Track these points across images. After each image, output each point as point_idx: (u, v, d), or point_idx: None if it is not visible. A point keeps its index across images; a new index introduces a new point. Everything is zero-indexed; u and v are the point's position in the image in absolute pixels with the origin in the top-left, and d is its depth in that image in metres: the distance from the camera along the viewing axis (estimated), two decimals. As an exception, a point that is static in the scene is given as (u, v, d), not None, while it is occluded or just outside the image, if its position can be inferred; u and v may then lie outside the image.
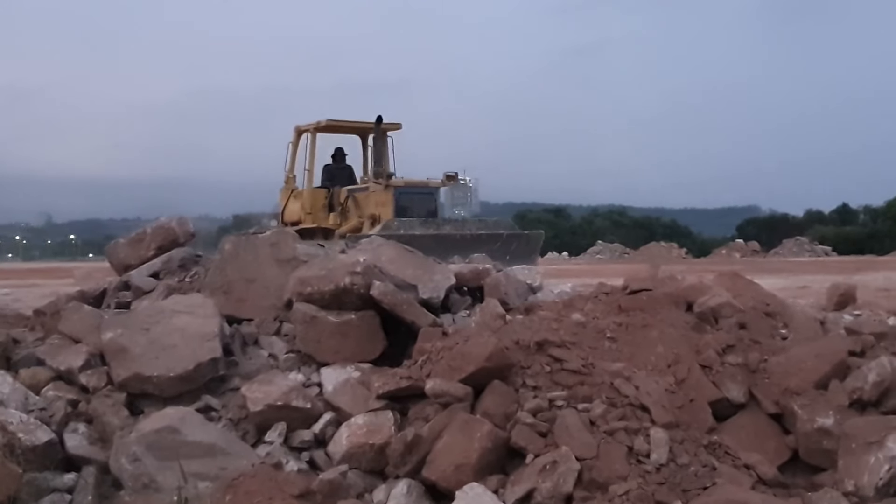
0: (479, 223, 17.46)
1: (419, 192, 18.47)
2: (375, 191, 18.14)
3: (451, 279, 7.69)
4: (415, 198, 18.32)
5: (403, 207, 17.83)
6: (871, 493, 5.04)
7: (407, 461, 5.36)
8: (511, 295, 7.85)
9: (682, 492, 4.86)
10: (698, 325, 6.72)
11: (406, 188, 18.24)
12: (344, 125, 20.04)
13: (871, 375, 5.89)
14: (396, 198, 17.90)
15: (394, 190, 17.92)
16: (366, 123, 19.43)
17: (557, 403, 5.47)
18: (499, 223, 17.52)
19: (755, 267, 31.77)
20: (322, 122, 19.45)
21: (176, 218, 8.90)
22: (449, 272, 7.81)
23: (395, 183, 18.11)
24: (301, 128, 19.77)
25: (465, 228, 16.72)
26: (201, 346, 6.41)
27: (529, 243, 16.76)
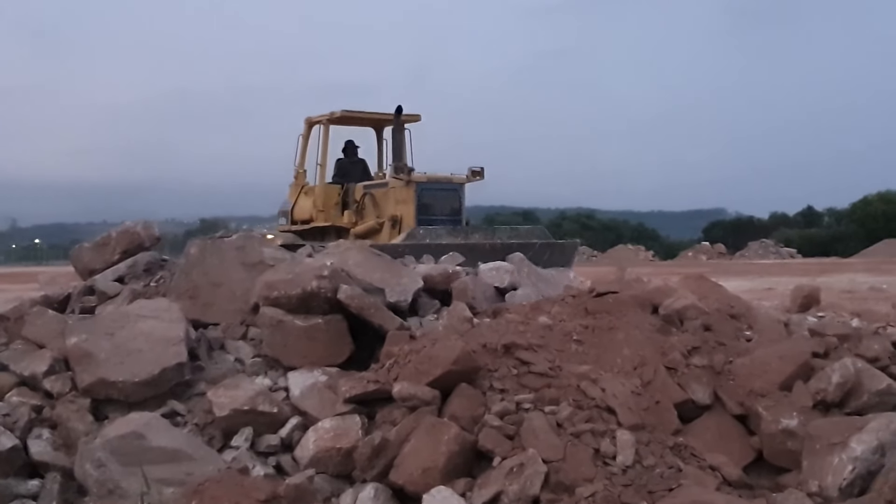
0: (510, 231, 16.36)
1: (443, 188, 17.27)
2: (396, 187, 16.91)
3: (418, 282, 7.68)
4: (438, 195, 17.16)
5: (426, 205, 16.74)
6: (835, 493, 5.08)
7: (374, 465, 5.36)
8: (479, 299, 7.85)
9: (647, 493, 4.89)
10: (664, 327, 6.75)
11: (429, 184, 17.00)
12: (359, 116, 18.71)
13: (834, 377, 5.94)
14: (418, 195, 16.69)
15: (415, 186, 16.74)
16: (382, 115, 18.26)
17: (524, 406, 5.49)
18: (531, 231, 16.36)
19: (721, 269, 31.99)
20: (336, 113, 18.04)
21: (141, 222, 8.84)
22: (417, 275, 7.80)
23: (416, 179, 16.88)
24: (313, 119, 18.55)
25: (496, 237, 15.57)
26: (167, 351, 6.37)
27: (564, 252, 15.66)
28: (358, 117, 18.53)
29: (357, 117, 18.50)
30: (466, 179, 17.10)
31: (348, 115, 18.08)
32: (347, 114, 18.03)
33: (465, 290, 7.77)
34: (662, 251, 62.70)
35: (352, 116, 18.32)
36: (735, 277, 23.58)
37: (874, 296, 18.91)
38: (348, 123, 18.70)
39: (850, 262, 41.61)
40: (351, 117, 18.34)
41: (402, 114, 17.56)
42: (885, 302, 13.72)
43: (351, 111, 18.04)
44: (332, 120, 18.04)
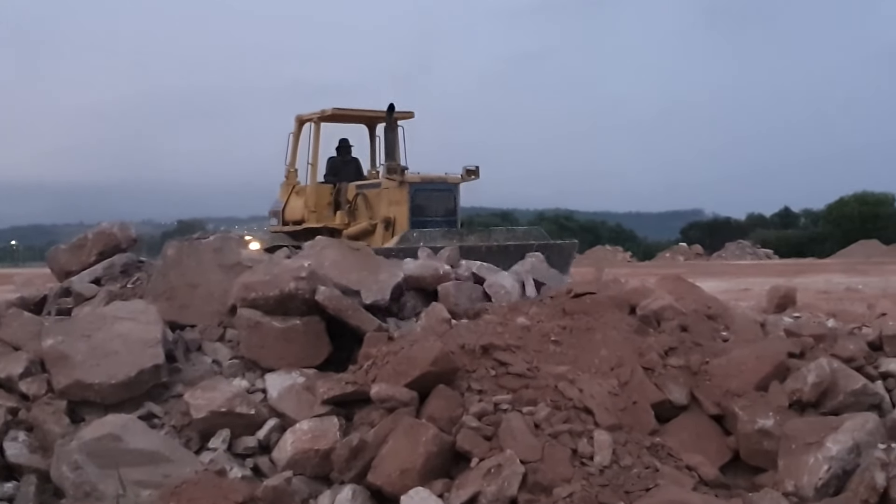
0: (507, 233, 15.93)
1: (437, 188, 16.83)
2: (389, 188, 16.52)
3: (398, 276, 7.67)
4: (432, 195, 16.71)
5: (420, 206, 16.30)
6: (811, 493, 5.11)
7: (352, 466, 5.36)
8: (462, 300, 7.84)
9: (625, 493, 4.91)
10: (641, 328, 6.78)
11: (422, 185, 16.55)
12: (351, 114, 18.27)
13: (810, 377, 5.98)
14: (412, 196, 16.26)
15: (409, 187, 16.32)
16: (375, 112, 17.80)
17: (502, 407, 5.50)
18: (529, 233, 15.90)
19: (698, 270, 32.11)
20: (327, 111, 17.62)
21: (118, 223, 8.80)
22: (397, 269, 7.79)
23: (410, 179, 16.44)
24: (303, 117, 18.01)
25: (492, 239, 15.11)
26: (143, 353, 6.35)
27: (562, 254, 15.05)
28: (350, 115, 17.99)
29: (349, 115, 17.96)
30: (461, 179, 16.58)
31: (339, 112, 17.60)
32: (339, 112, 17.54)
33: (447, 296, 7.75)
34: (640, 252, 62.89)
35: (343, 114, 17.81)
36: (712, 278, 23.68)
37: (850, 296, 19.02)
38: (340, 121, 18.22)
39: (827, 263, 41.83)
40: (342, 115, 17.81)
41: (395, 111, 17.25)
42: (861, 302, 13.79)
43: (342, 109, 17.56)
44: (324, 118, 17.57)
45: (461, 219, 17.12)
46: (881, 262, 39.33)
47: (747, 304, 11.22)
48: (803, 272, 30.79)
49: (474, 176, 16.62)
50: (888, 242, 51.81)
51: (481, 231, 16.21)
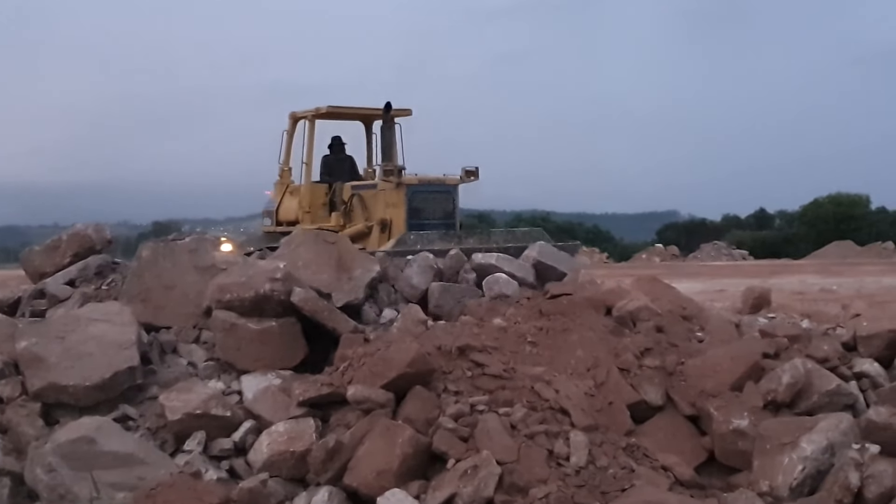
0: (506, 235, 15.20)
1: (435, 190, 16.15)
2: (385, 189, 15.89)
3: (371, 271, 7.65)
4: (430, 197, 16.01)
5: (417, 209, 15.67)
6: (786, 493, 5.13)
7: (328, 468, 5.35)
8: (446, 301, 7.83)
9: (601, 494, 4.92)
10: (617, 328, 6.80)
11: (420, 186, 15.91)
12: (346, 112, 17.58)
13: (784, 377, 6.01)
14: (409, 198, 15.61)
15: (406, 189, 15.70)
16: (371, 110, 17.24)
17: (479, 408, 5.51)
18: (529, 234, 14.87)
19: (674, 271, 32.20)
20: (322, 109, 17.01)
21: (92, 225, 8.76)
22: (372, 264, 7.76)
23: (407, 180, 15.82)
24: (297, 114, 17.45)
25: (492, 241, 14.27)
26: (118, 355, 6.32)
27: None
28: (345, 113, 17.44)
29: (344, 113, 17.38)
30: (460, 180, 16.17)
31: (335, 110, 17.04)
32: (334, 109, 16.93)
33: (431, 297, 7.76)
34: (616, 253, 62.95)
35: (339, 112, 17.24)
36: (687, 279, 23.73)
37: (824, 297, 19.09)
38: (335, 118, 17.61)
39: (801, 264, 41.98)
40: (338, 112, 17.23)
41: (392, 109, 16.93)
42: (835, 303, 13.87)
43: (337, 106, 17.03)
44: (318, 115, 16.95)
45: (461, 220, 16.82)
46: (855, 263, 39.52)
47: (722, 304, 11.28)
48: (778, 273, 30.91)
49: (473, 177, 16.14)
50: (862, 243, 52.01)
51: (480, 233, 15.52)
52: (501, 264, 8.30)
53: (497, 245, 13.75)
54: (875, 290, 21.06)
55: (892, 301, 13.83)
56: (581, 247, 16.06)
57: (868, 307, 8.82)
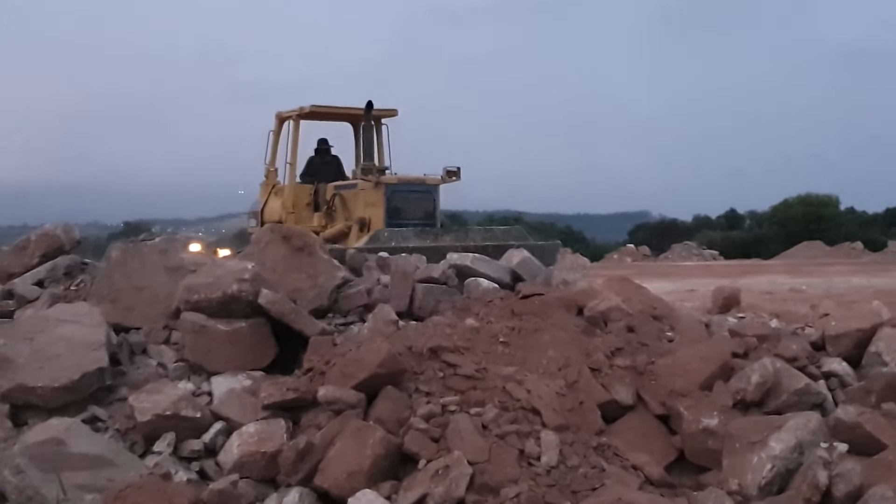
0: (485, 233, 15.07)
1: (415, 190, 16.17)
2: (365, 189, 15.93)
3: (336, 278, 7.62)
4: (410, 197, 16.05)
5: (396, 208, 15.70)
6: (755, 491, 5.16)
7: (299, 469, 5.33)
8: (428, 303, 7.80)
9: (571, 493, 4.93)
10: (588, 328, 6.82)
11: (400, 186, 15.93)
12: (331, 111, 17.62)
13: (753, 377, 6.05)
14: (388, 197, 15.63)
15: (385, 188, 15.72)
16: (356, 109, 17.11)
17: (450, 408, 5.51)
18: (508, 233, 15.12)
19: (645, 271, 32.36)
20: (305, 108, 16.99)
21: (61, 225, 8.72)
22: (337, 270, 7.74)
23: (386, 180, 15.86)
24: (283, 114, 17.40)
25: (469, 239, 14.33)
26: (87, 356, 6.27)
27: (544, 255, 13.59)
28: (330, 113, 17.59)
29: (329, 112, 17.56)
30: (441, 181, 16.09)
31: (318, 110, 17.13)
32: (317, 109, 17.10)
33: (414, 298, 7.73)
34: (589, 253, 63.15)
35: (322, 111, 17.30)
36: (659, 279, 23.85)
37: (793, 297, 19.26)
38: (320, 118, 17.74)
39: (771, 264, 42.30)
40: (322, 112, 17.37)
41: (374, 109, 16.71)
42: (804, 303, 13.96)
43: (321, 106, 16.92)
44: (302, 115, 17.07)
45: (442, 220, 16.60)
46: (825, 263, 39.86)
47: (693, 304, 11.31)
48: (748, 273, 31.12)
49: (455, 177, 15.91)
50: (832, 244, 52.49)
51: (457, 231, 15.57)
52: (477, 265, 8.23)
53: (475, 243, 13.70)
54: (844, 290, 21.26)
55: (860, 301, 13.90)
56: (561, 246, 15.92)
57: (836, 307, 8.85)
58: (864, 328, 7.05)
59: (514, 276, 8.20)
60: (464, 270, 8.15)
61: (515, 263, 8.34)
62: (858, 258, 46.05)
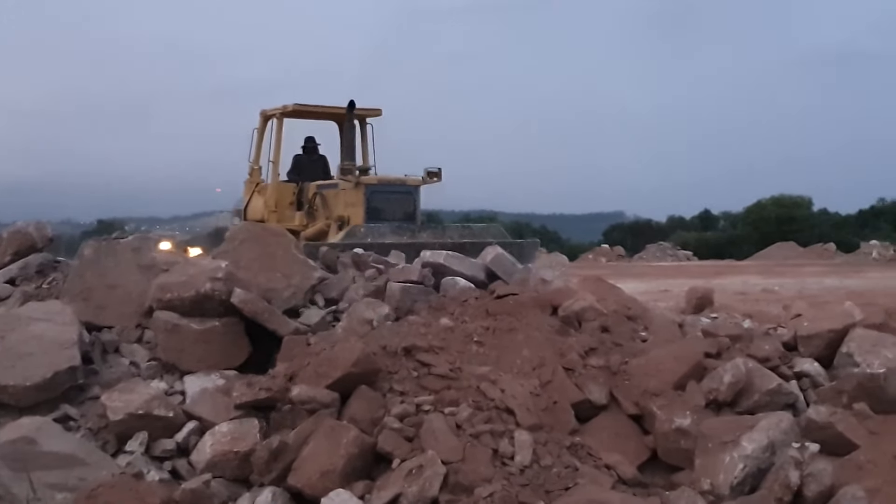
0: (462, 230, 15.01)
1: (395, 190, 16.03)
2: (345, 189, 15.82)
3: (312, 279, 7.61)
4: (390, 197, 15.86)
5: (376, 209, 15.52)
6: (727, 491, 5.17)
7: (272, 468, 5.32)
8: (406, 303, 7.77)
9: (545, 493, 4.93)
10: (563, 328, 6.84)
11: (379, 186, 15.78)
12: (315, 110, 17.34)
13: (726, 377, 6.08)
14: (368, 197, 15.47)
15: (365, 188, 15.58)
16: (340, 108, 16.98)
17: (424, 408, 5.51)
18: (486, 230, 15.03)
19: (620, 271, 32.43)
20: (289, 107, 16.81)
21: (33, 223, 8.66)
22: (312, 271, 7.72)
23: (366, 180, 15.71)
24: (267, 112, 17.25)
25: (446, 236, 14.27)
26: (59, 355, 6.24)
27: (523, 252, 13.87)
28: (313, 111, 17.32)
29: (312, 111, 17.30)
30: (422, 181, 15.96)
31: (301, 108, 16.92)
32: (301, 107, 16.87)
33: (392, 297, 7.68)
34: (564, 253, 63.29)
35: (306, 110, 17.12)
36: (633, 279, 23.89)
37: (766, 297, 19.34)
38: (303, 117, 17.52)
39: (744, 265, 42.45)
40: (305, 111, 17.15)
41: (356, 108, 16.46)
42: (777, 303, 14.05)
43: (304, 105, 16.86)
44: (286, 113, 16.89)
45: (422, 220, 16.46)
46: (797, 264, 40.04)
47: (666, 304, 11.37)
48: (721, 274, 31.23)
49: (436, 178, 15.77)
50: (805, 245, 52.68)
51: (435, 228, 15.35)
52: (451, 263, 8.18)
53: (452, 240, 13.68)
54: (816, 291, 21.37)
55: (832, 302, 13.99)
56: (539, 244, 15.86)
57: (809, 307, 8.92)
58: (836, 329, 7.09)
59: (489, 273, 8.17)
60: (438, 269, 8.12)
61: (489, 260, 8.28)
62: (831, 259, 46.30)
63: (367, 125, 17.14)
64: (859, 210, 67.31)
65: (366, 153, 17.12)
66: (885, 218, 62.66)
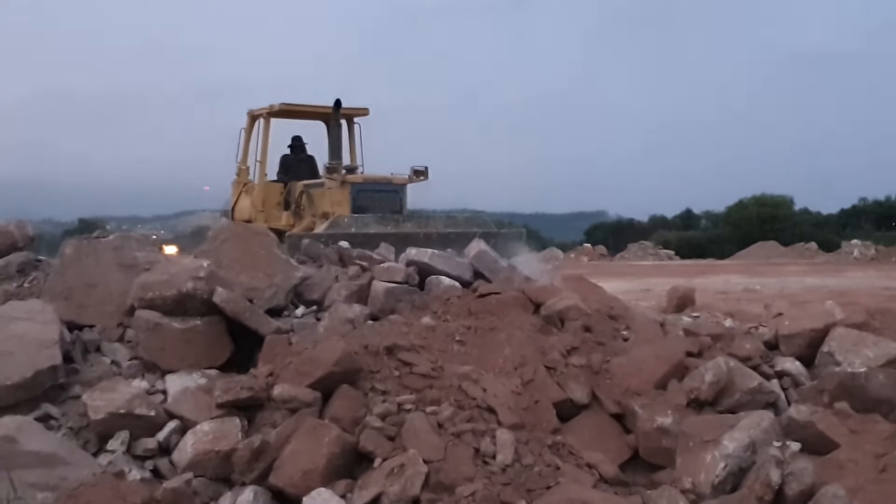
0: (447, 220, 14.88)
1: (381, 189, 15.91)
2: (331, 188, 15.74)
3: (293, 279, 7.59)
4: (376, 196, 15.72)
5: (362, 207, 15.28)
6: (708, 490, 5.19)
7: (254, 468, 5.31)
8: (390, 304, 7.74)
9: (526, 492, 4.94)
10: (545, 327, 6.84)
11: (365, 185, 15.73)
12: (301, 109, 17.26)
13: (707, 375, 6.11)
14: (354, 196, 15.36)
15: (351, 187, 15.48)
16: (327, 108, 16.87)
17: (406, 407, 5.51)
18: (471, 220, 14.92)
19: (602, 270, 32.51)
20: (275, 106, 16.74)
21: (14, 221, 8.62)
22: (294, 270, 7.70)
23: (351, 179, 15.66)
24: (254, 112, 17.20)
25: (431, 226, 14.15)
26: (40, 354, 6.21)
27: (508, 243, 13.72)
28: (300, 110, 17.26)
29: (299, 110, 17.24)
30: (408, 180, 15.93)
31: (288, 108, 16.86)
32: (287, 107, 16.81)
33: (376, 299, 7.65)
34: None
35: (293, 109, 17.06)
36: (615, 278, 23.99)
37: (747, 296, 19.43)
38: (290, 117, 17.49)
39: (726, 264, 42.66)
40: (292, 110, 17.10)
41: (343, 107, 16.58)
42: (758, 303, 14.10)
43: (290, 104, 16.82)
44: (273, 113, 16.81)
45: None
46: (779, 264, 40.26)
47: (648, 304, 11.40)
48: (703, 273, 31.37)
49: (423, 177, 15.67)
50: (786, 244, 52.93)
51: (419, 217, 15.22)
52: (436, 262, 8.15)
53: (437, 230, 13.66)
54: (797, 290, 21.49)
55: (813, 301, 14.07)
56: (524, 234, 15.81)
57: (790, 307, 8.95)
58: (817, 328, 7.14)
59: (476, 272, 8.17)
60: (423, 268, 8.10)
61: (472, 256, 8.29)
62: (812, 258, 46.55)
63: (354, 124, 17.11)
64: (841, 209, 67.72)
65: (353, 152, 17.11)
66: (866, 217, 63.01)
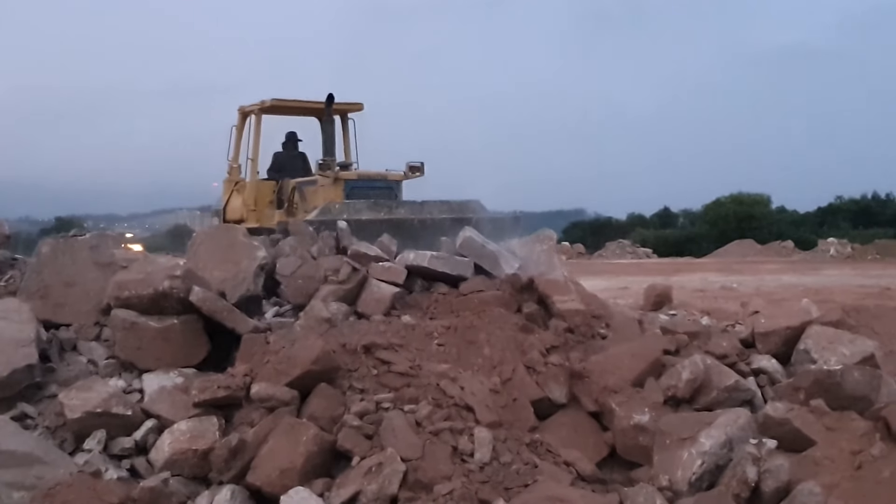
0: (441, 206, 14.10)
1: (375, 185, 15.44)
2: (324, 185, 15.21)
3: (257, 259, 7.53)
4: (370, 193, 14.97)
5: None
6: (685, 487, 5.21)
7: (231, 466, 5.30)
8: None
9: (504, 489, 4.95)
10: (526, 325, 6.84)
11: (359, 181, 15.28)
12: (293, 105, 16.80)
13: (684, 373, 6.13)
14: (347, 193, 14.77)
15: (344, 184, 14.99)
16: (320, 103, 16.27)
17: (384, 405, 5.51)
18: (466, 206, 14.21)
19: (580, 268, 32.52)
20: (266, 102, 16.27)
21: (-10, 220, 8.58)
22: (255, 251, 7.64)
23: (345, 175, 15.24)
24: (245, 109, 16.77)
25: (425, 212, 13.63)
26: (16, 353, 6.18)
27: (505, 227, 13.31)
28: (292, 106, 16.80)
29: (291, 106, 16.79)
30: (404, 176, 15.44)
31: (280, 104, 16.40)
32: (279, 103, 16.35)
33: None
34: (523, 251, 63.31)
35: (284, 105, 16.61)
36: (593, 276, 23.99)
37: (724, 294, 19.50)
38: (282, 113, 17.06)
39: (703, 262, 42.74)
40: (284, 106, 16.65)
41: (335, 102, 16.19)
42: (735, 301, 14.17)
43: (282, 100, 16.38)
44: (264, 109, 16.39)
45: None
46: (756, 262, 40.40)
47: (626, 302, 11.43)
48: (681, 271, 31.43)
49: (419, 173, 15.48)
50: (763, 242, 53.06)
51: (412, 203, 14.43)
52: (434, 265, 8.01)
53: (431, 216, 13.29)
54: (774, 288, 21.58)
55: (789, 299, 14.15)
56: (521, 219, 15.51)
57: (766, 305, 9.01)
58: (794, 326, 7.17)
59: (478, 268, 8.11)
60: (422, 272, 8.02)
61: (459, 245, 8.24)
62: (789, 257, 46.70)
63: (347, 120, 16.90)
64: (817, 207, 67.94)
65: (347, 149, 16.82)
66: (842, 216, 63.27)
